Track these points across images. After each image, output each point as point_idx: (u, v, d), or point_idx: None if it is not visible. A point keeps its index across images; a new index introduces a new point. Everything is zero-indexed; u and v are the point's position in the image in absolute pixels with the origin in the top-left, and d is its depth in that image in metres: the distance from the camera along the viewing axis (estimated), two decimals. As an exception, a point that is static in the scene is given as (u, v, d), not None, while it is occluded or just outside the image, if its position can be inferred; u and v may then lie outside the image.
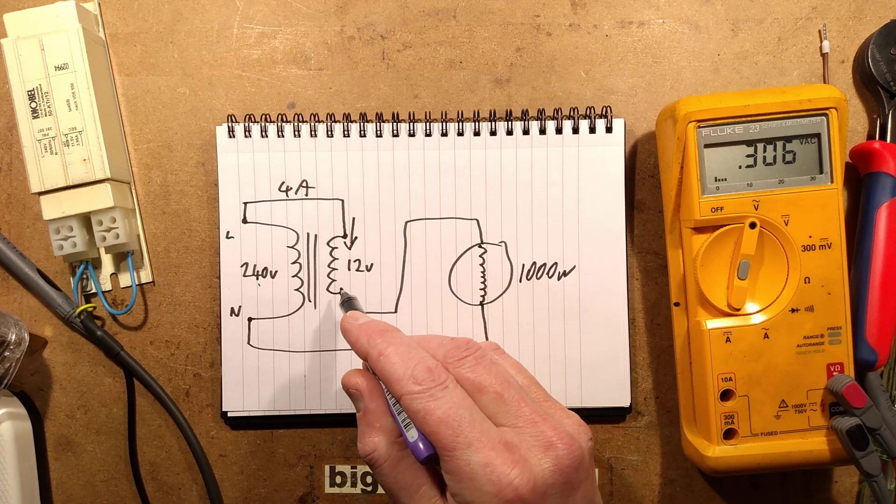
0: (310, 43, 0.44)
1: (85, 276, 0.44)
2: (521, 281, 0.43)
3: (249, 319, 0.43)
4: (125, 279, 0.44)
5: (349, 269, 0.43)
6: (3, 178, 0.45)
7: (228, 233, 0.43)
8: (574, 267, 0.43)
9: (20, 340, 0.41)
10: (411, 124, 0.43)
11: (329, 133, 0.43)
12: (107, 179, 0.41)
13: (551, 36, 0.44)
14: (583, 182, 0.43)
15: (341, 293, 0.41)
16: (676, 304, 0.42)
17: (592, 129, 0.43)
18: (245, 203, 0.43)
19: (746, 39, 0.44)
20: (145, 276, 0.44)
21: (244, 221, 0.43)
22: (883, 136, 0.42)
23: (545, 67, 0.44)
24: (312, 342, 0.43)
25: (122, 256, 0.44)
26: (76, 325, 0.44)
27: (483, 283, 0.43)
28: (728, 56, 0.44)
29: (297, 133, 0.43)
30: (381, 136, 0.43)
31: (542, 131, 0.43)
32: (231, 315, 0.43)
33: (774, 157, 0.39)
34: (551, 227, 0.43)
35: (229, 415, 0.43)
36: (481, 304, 0.43)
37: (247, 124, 0.43)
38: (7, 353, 0.40)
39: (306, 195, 0.43)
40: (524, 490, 0.27)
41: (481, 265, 0.43)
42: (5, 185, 0.45)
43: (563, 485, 0.28)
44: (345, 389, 0.34)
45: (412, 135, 0.43)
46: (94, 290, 0.44)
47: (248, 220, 0.43)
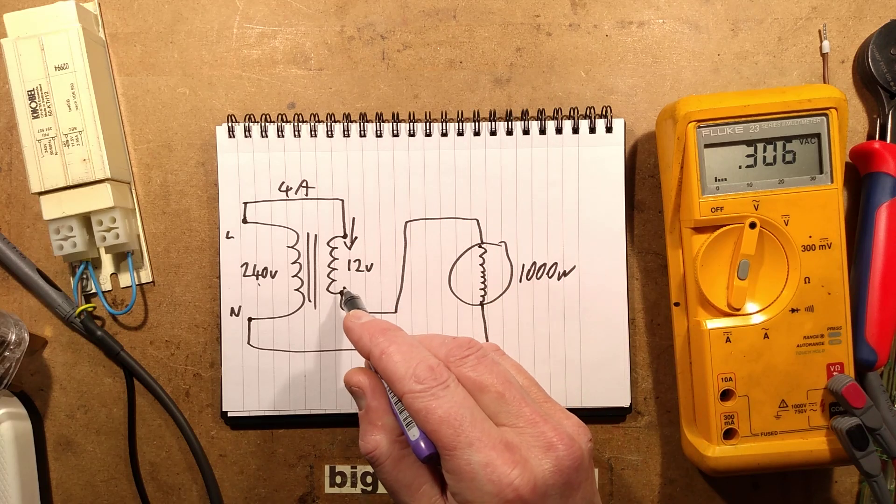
0: (310, 43, 0.44)
1: (85, 276, 0.44)
2: (521, 281, 0.43)
3: (249, 319, 0.43)
4: (125, 279, 0.44)
5: (349, 269, 0.43)
6: (3, 178, 0.45)
7: (228, 233, 0.43)
8: (574, 267, 0.43)
9: (20, 340, 0.41)
10: (411, 124, 0.43)
11: (329, 133, 0.43)
12: (107, 179, 0.41)
13: (551, 36, 0.44)
14: (583, 182, 0.43)
15: (344, 292, 0.41)
16: (676, 304, 0.42)
17: (592, 129, 0.43)
18: (245, 203, 0.43)
19: (746, 39, 0.44)
20: (145, 276, 0.44)
21: (244, 221, 0.43)
22: (883, 136, 0.42)
23: (545, 67, 0.44)
24: (312, 342, 0.43)
25: (122, 256, 0.44)
26: (76, 325, 0.44)
27: (483, 283, 0.43)
28: (728, 56, 0.44)
29: (297, 133, 0.43)
30: (381, 136, 0.43)
31: (542, 131, 0.43)
32: (231, 315, 0.43)
33: (774, 157, 0.39)
34: (551, 227, 0.43)
35: (229, 415, 0.43)
36: (481, 304, 0.43)
37: (247, 124, 0.43)
38: (7, 353, 0.40)
39: (306, 195, 0.43)
40: (524, 490, 0.27)
41: (481, 265, 0.43)
42: (5, 185, 0.45)
43: (563, 486, 0.28)
44: (347, 387, 0.34)
45: (412, 135, 0.43)
46: (94, 290, 0.44)
47: (248, 220, 0.43)
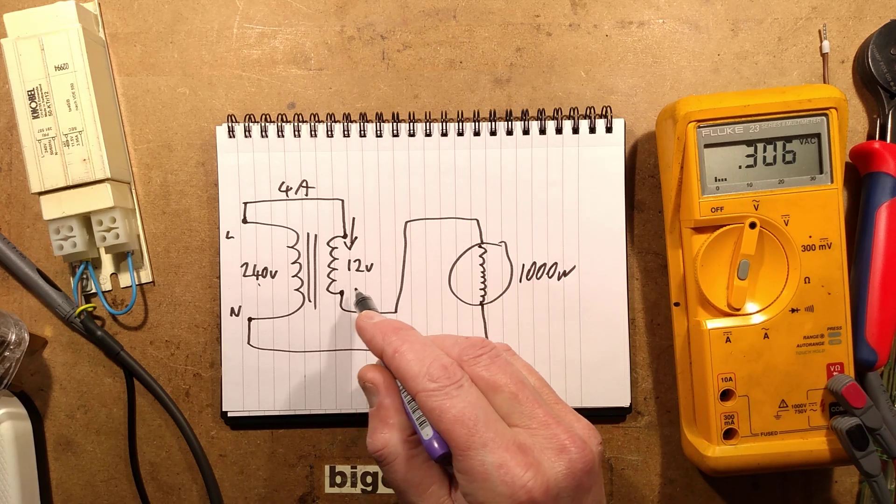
0: (310, 43, 0.44)
1: (85, 276, 0.44)
2: (521, 281, 0.43)
3: (249, 319, 0.43)
4: (125, 279, 0.44)
5: (349, 269, 0.43)
6: (3, 178, 0.45)
7: (228, 233, 0.43)
8: (574, 267, 0.43)
9: (20, 340, 0.41)
10: (411, 124, 0.43)
11: (329, 133, 0.43)
12: (107, 179, 0.41)
13: (551, 36, 0.44)
14: (583, 182, 0.43)
15: (356, 293, 0.42)
16: (676, 304, 0.42)
17: (592, 129, 0.43)
18: (245, 203, 0.43)
19: (746, 39, 0.44)
20: (145, 276, 0.44)
21: (244, 221, 0.43)
22: (883, 136, 0.42)
23: (545, 67, 0.44)
24: (312, 342, 0.43)
25: (122, 256, 0.44)
26: (76, 325, 0.44)
27: (483, 283, 0.43)
28: (728, 56, 0.44)
29: (297, 133, 0.43)
30: (381, 136, 0.43)
31: (542, 131, 0.43)
32: (231, 315, 0.43)
33: (774, 157, 0.39)
34: (551, 227, 0.43)
35: (229, 415, 0.43)
36: (481, 304, 0.43)
37: (247, 124, 0.43)
38: (7, 353, 0.40)
39: (306, 195, 0.43)
40: (537, 493, 0.27)
41: (481, 265, 0.43)
42: (5, 185, 0.45)
43: (575, 488, 0.28)
44: (360, 383, 0.34)
45: (412, 135, 0.43)
46: (94, 290, 0.44)
47: (248, 220, 0.43)
